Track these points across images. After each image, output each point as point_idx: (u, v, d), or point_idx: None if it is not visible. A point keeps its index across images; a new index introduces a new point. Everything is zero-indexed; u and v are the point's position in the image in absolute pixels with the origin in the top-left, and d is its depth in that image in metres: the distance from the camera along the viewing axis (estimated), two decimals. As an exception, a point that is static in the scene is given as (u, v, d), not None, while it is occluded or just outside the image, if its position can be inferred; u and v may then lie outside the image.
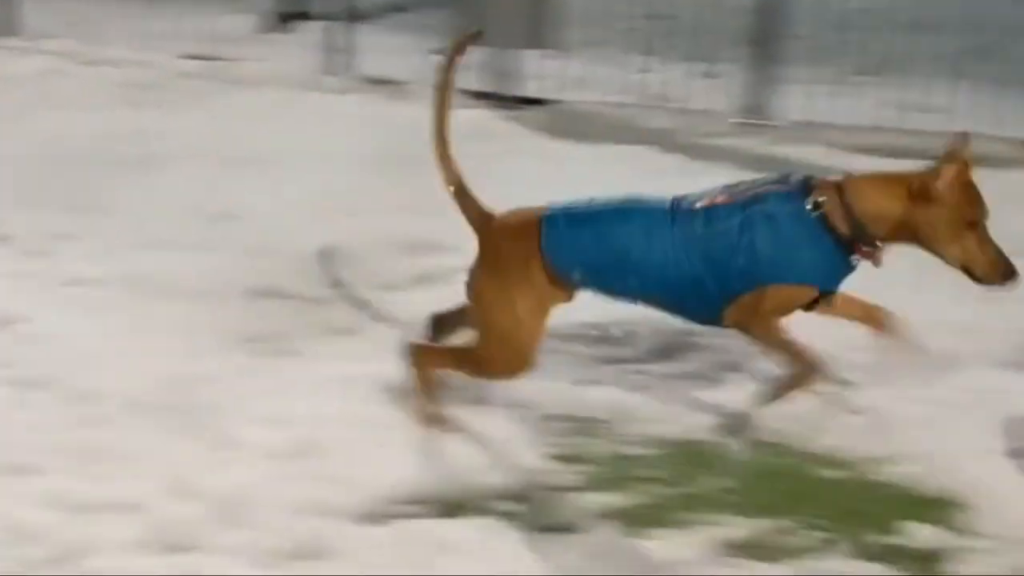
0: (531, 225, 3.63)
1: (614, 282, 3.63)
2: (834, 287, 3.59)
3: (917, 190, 3.44)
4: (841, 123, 7.35)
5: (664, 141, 7.15)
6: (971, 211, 3.46)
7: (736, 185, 3.63)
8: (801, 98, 7.48)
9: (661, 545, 3.26)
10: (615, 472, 3.65)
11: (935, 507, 3.47)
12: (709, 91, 7.96)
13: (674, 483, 3.60)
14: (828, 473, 3.68)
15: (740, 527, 3.35)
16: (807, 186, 3.53)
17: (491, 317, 3.63)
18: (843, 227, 3.48)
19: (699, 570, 3.16)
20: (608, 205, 3.66)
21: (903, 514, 3.41)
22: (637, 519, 3.39)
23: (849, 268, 3.56)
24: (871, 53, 8.62)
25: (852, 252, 3.53)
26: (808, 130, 7.35)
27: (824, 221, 3.48)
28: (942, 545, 3.29)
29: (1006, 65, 8.33)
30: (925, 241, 3.49)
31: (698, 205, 3.58)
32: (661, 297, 3.64)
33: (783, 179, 3.59)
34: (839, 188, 3.51)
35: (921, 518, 3.39)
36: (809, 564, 3.20)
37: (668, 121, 7.61)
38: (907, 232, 3.49)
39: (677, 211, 3.59)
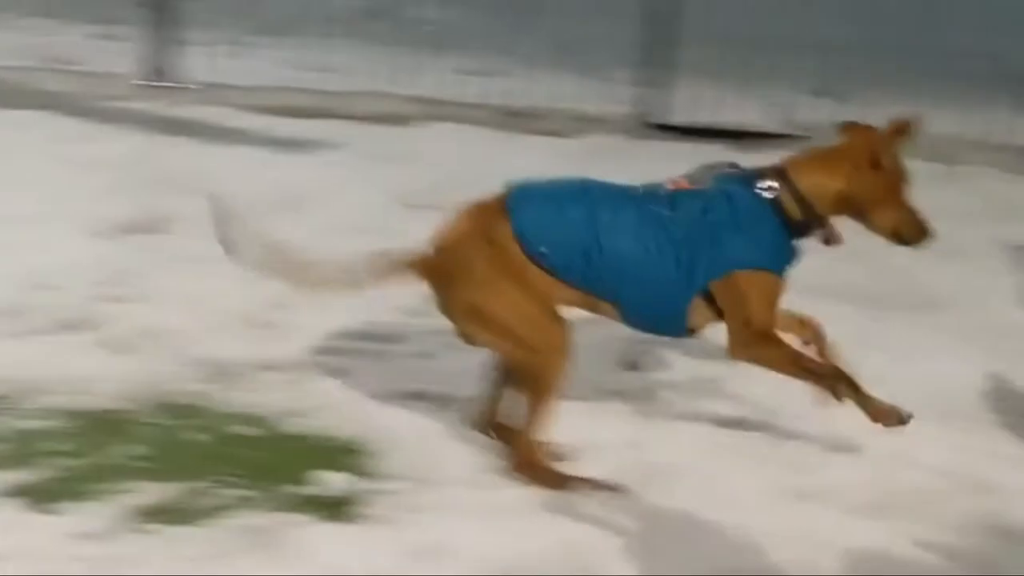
0: (495, 209, 3.52)
1: (579, 259, 3.48)
2: (784, 271, 3.55)
3: (868, 160, 3.52)
4: (243, 84, 7.39)
5: (64, 105, 6.89)
6: (904, 178, 3.58)
7: (694, 174, 3.61)
8: (204, 59, 7.44)
9: (73, 519, 3.14)
10: (19, 448, 3.48)
11: (346, 455, 3.59)
12: (112, 54, 7.74)
13: (82, 454, 3.49)
14: (243, 431, 3.70)
15: (153, 493, 3.30)
16: (758, 172, 3.56)
17: (495, 311, 3.47)
18: (793, 210, 3.52)
19: (114, 539, 3.08)
20: (569, 180, 3.64)
21: (316, 464, 3.50)
22: (45, 494, 3.25)
23: (796, 255, 3.57)
24: (269, 14, 8.72)
25: (801, 236, 3.55)
26: (211, 92, 7.33)
27: (777, 205, 3.52)
28: (352, 490, 3.40)
29: (397, 25, 8.74)
30: (865, 209, 3.56)
31: (664, 192, 3.55)
32: (626, 285, 3.50)
33: (734, 165, 3.63)
34: (781, 173, 3.55)
35: (333, 466, 3.49)
36: (227, 522, 3.20)
37: (68, 84, 7.34)
38: (849, 204, 3.56)
39: (643, 191, 3.57)
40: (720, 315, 3.52)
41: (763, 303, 3.51)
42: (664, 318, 3.57)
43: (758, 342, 3.50)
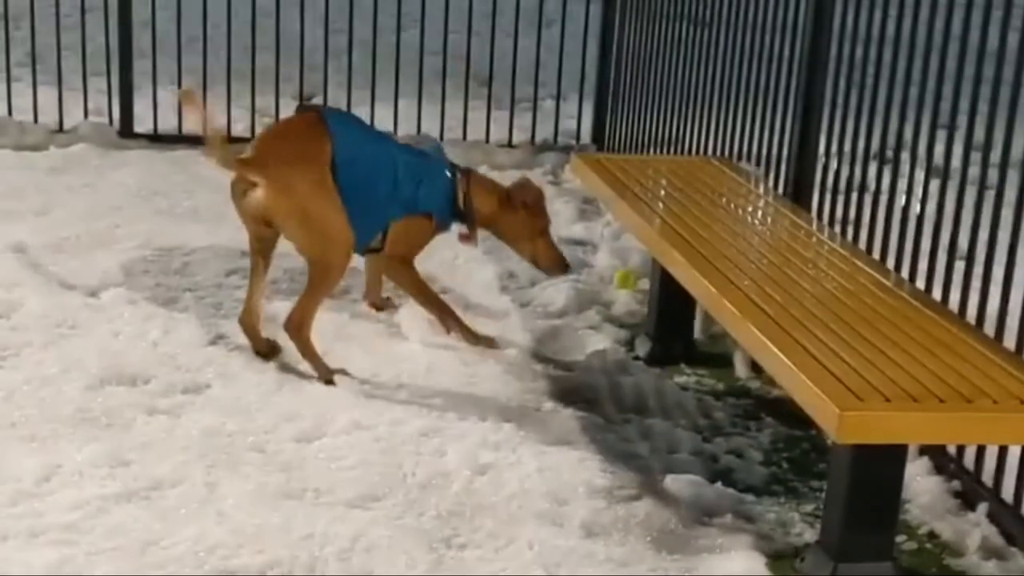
0: (319, 126, 4.31)
1: (350, 175, 4.27)
2: (439, 226, 4.61)
3: (505, 199, 4.62)
4: None
5: None
6: (541, 223, 4.68)
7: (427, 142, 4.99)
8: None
9: None
10: None
11: None
12: None
13: None
14: None
15: None
16: (454, 164, 4.68)
17: (321, 212, 4.22)
18: (459, 201, 4.57)
19: None
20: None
21: None
22: None
23: (447, 226, 4.66)
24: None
25: (459, 218, 4.63)
26: None
27: (453, 189, 4.55)
28: None
29: None
30: (506, 238, 4.73)
31: (407, 147, 4.66)
32: (356, 200, 4.28)
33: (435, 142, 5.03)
34: (467, 176, 4.63)
35: None
36: None
37: None
38: (494, 227, 4.68)
39: (400, 144, 4.70)
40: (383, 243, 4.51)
41: (413, 239, 4.55)
42: (359, 235, 4.34)
43: (396, 268, 4.59)
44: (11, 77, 7.46)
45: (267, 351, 4.43)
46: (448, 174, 4.60)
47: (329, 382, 4.23)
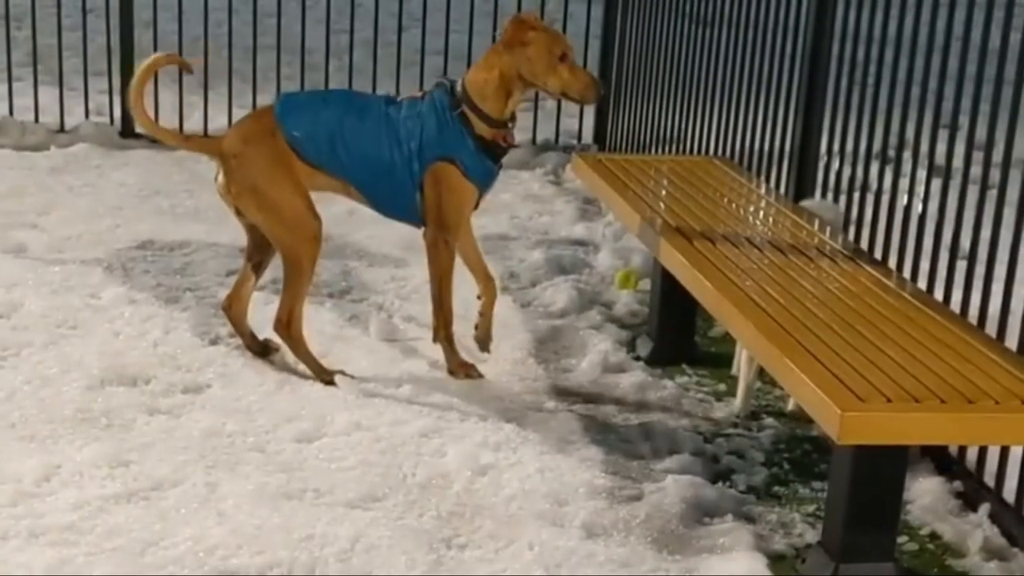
0: (267, 110, 4.31)
1: (327, 146, 4.20)
2: (475, 179, 4.24)
3: (511, 41, 4.17)
4: None
5: None
6: (558, 47, 4.20)
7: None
8: None
9: None
10: None
11: None
12: None
13: None
14: None
15: None
16: (453, 89, 4.26)
17: (268, 194, 4.18)
18: (479, 127, 4.22)
19: None
20: (336, 91, 4.65)
21: None
22: None
23: (492, 174, 4.30)
24: None
25: (496, 156, 4.27)
26: None
27: (466, 124, 4.20)
28: None
29: None
30: (529, 81, 4.21)
31: (399, 98, 4.32)
32: (364, 171, 4.22)
33: (446, 79, 4.32)
34: (463, 94, 4.21)
35: None
36: None
37: None
38: (514, 84, 4.21)
39: (388, 99, 4.36)
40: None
41: (455, 210, 4.27)
42: (399, 206, 4.30)
43: (437, 246, 4.30)
44: (12, 77, 7.47)
45: (258, 350, 4.43)
46: (441, 99, 4.24)
47: (329, 382, 4.23)
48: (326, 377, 4.26)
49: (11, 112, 7.27)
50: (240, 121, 4.45)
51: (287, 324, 4.29)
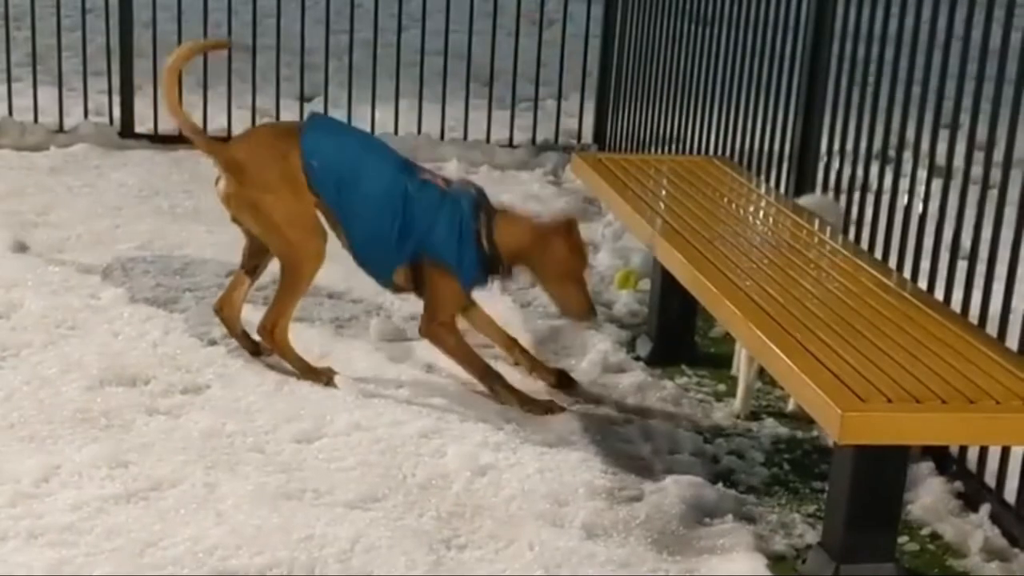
0: (290, 127, 4.36)
1: (337, 186, 4.17)
2: (468, 288, 4.26)
3: (538, 236, 4.15)
4: None
5: None
6: (578, 266, 4.20)
7: (448, 179, 4.33)
8: None
9: None
10: None
11: None
12: None
13: None
14: None
15: None
16: (480, 199, 4.22)
17: (271, 209, 4.18)
18: (485, 245, 4.16)
19: None
20: (362, 131, 4.61)
21: None
22: None
23: (483, 280, 4.27)
24: None
25: (491, 269, 4.22)
26: None
27: (476, 236, 4.15)
28: None
29: None
30: (537, 276, 4.26)
31: (421, 176, 4.24)
32: (358, 224, 4.21)
33: (472, 186, 4.28)
34: (491, 214, 4.20)
35: None
36: None
37: None
38: (525, 265, 4.22)
39: (407, 165, 4.29)
40: (418, 288, 4.28)
41: (445, 305, 4.24)
42: (376, 267, 4.31)
43: (437, 335, 4.27)
44: (12, 77, 7.46)
45: (252, 350, 4.42)
46: (466, 211, 4.18)
47: (329, 383, 4.22)
48: (314, 377, 4.25)
49: (10, 112, 7.26)
50: (254, 131, 4.46)
51: (271, 331, 4.29)
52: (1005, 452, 3.71)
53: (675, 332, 4.74)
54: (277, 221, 4.20)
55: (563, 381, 4.41)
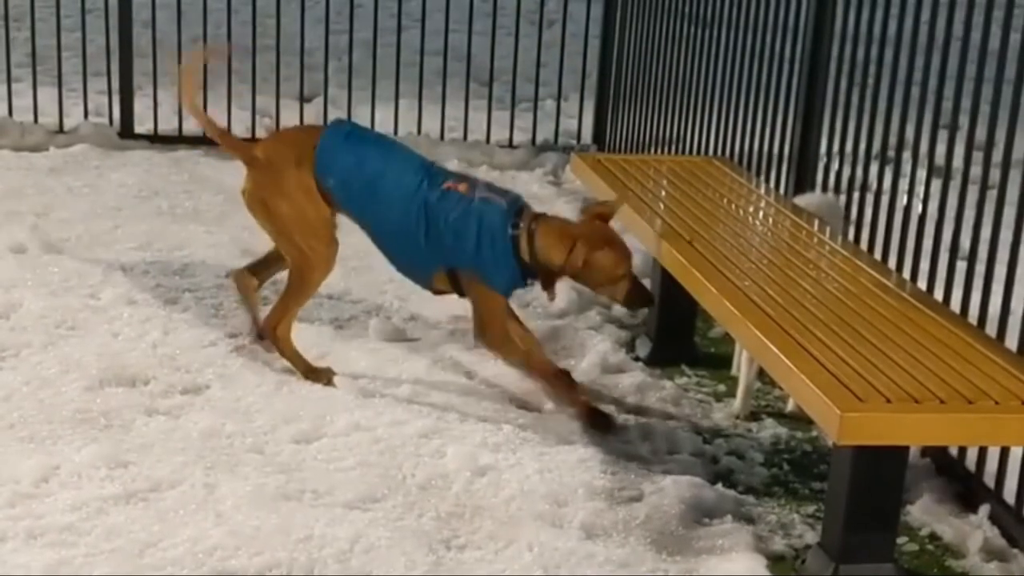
0: (311, 133, 4.28)
1: (358, 201, 4.15)
2: (507, 294, 4.19)
3: (575, 258, 3.99)
4: None
5: None
6: (620, 269, 4.05)
7: (476, 182, 4.19)
8: None
9: None
10: None
11: None
12: None
13: None
14: None
15: None
16: (518, 208, 4.09)
17: (282, 212, 4.18)
18: (526, 256, 4.05)
19: None
20: (383, 138, 4.38)
21: None
22: None
23: (522, 283, 4.18)
24: None
25: (530, 274, 4.11)
26: None
27: (515, 245, 4.03)
28: None
29: None
30: (587, 286, 4.18)
31: (444, 184, 4.12)
32: (387, 236, 4.19)
33: (507, 194, 4.16)
34: (534, 222, 4.07)
35: None
36: None
37: None
38: (571, 278, 4.12)
39: (429, 172, 4.18)
40: (459, 292, 4.20)
41: (491, 316, 4.16)
42: (413, 274, 4.29)
43: (491, 343, 4.22)
44: (11, 77, 7.46)
45: (258, 332, 4.44)
46: (497, 222, 4.07)
47: (329, 383, 4.22)
48: (313, 376, 4.25)
49: (10, 113, 7.26)
50: (278, 134, 4.54)
51: (273, 327, 4.29)
52: (1004, 453, 3.72)
53: (675, 332, 4.75)
54: (289, 226, 4.21)
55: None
